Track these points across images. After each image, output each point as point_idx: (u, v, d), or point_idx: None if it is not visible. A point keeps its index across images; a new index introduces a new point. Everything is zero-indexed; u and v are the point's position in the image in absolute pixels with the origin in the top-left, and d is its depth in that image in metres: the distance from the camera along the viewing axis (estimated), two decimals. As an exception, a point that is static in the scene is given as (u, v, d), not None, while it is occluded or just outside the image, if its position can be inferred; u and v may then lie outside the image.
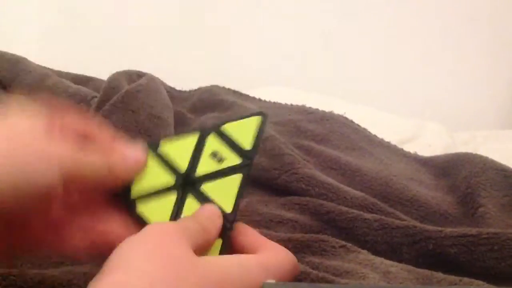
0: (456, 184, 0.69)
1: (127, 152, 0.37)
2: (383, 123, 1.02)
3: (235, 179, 0.39)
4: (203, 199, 0.38)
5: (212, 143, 0.39)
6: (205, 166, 0.39)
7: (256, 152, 0.40)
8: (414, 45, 1.39)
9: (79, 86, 0.89)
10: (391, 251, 0.55)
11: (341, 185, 0.65)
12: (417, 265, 0.51)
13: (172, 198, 0.38)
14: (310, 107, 0.90)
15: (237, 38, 1.47)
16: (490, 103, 1.38)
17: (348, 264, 0.50)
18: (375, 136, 0.86)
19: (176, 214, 0.38)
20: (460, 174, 0.70)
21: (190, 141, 0.39)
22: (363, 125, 0.89)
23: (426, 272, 0.48)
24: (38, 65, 0.97)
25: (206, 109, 0.89)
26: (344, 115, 0.89)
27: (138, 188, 0.38)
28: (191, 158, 0.39)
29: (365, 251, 0.53)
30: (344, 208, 0.59)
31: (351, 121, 0.88)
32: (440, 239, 0.53)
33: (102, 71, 0.98)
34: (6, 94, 0.89)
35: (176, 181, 0.38)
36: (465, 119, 1.33)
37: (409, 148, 0.87)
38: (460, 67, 1.38)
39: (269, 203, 0.63)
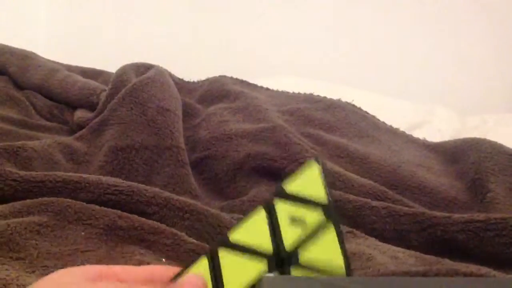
0: (464, 170, 0.69)
1: (182, 286, 0.31)
2: (392, 109, 1.02)
3: (330, 233, 0.34)
4: (310, 269, 0.33)
5: (284, 210, 0.35)
6: (291, 236, 0.34)
7: (333, 199, 0.35)
8: (423, 30, 1.38)
9: (88, 80, 0.90)
10: (399, 238, 0.55)
11: (349, 173, 0.65)
12: (425, 251, 0.51)
13: (261, 266, 0.33)
14: (317, 95, 0.90)
15: (244, 28, 1.46)
16: (500, 86, 1.36)
17: (356, 246, 0.50)
18: (383, 123, 0.86)
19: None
20: (469, 160, 0.69)
21: (259, 218, 0.35)
22: (371, 111, 0.88)
23: (433, 258, 0.49)
24: (47, 59, 0.98)
25: (214, 99, 0.89)
26: (352, 103, 0.89)
27: None
28: (271, 236, 0.34)
29: (372, 238, 0.53)
30: (352, 196, 0.59)
31: (359, 108, 0.88)
32: (448, 225, 0.53)
33: (110, 64, 0.99)
34: (17, 90, 0.90)
35: (269, 265, 0.33)
36: (476, 102, 1.32)
37: (419, 133, 0.87)
38: (470, 51, 1.36)
39: (278, 192, 0.63)
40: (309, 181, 0.36)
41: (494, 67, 1.36)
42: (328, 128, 0.79)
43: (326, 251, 0.33)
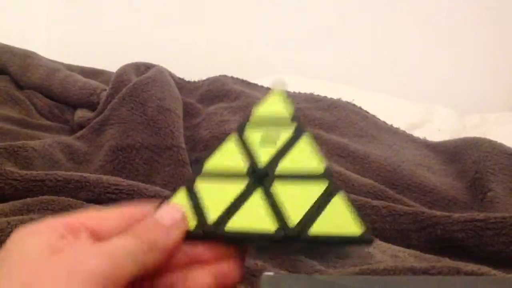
0: (464, 169, 0.69)
1: (161, 219, 0.30)
2: (393, 109, 1.02)
3: (302, 142, 0.33)
4: (287, 178, 0.32)
5: (255, 132, 0.35)
6: (264, 154, 0.33)
7: (298, 115, 0.35)
8: (423, 30, 1.38)
9: (89, 80, 0.90)
10: (399, 238, 0.55)
11: (349, 173, 0.65)
12: (425, 251, 0.51)
13: (256, 199, 0.32)
14: (318, 95, 0.90)
15: (245, 27, 1.46)
16: (500, 85, 1.36)
17: (356, 246, 0.50)
18: (383, 122, 0.86)
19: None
20: (469, 159, 0.70)
21: (231, 144, 0.35)
22: (372, 111, 0.89)
23: (433, 257, 0.49)
24: (48, 59, 0.98)
25: (215, 99, 0.89)
26: (353, 102, 0.89)
27: (214, 213, 0.31)
28: (245, 157, 0.34)
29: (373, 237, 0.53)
30: (352, 196, 0.59)
31: (359, 108, 0.88)
32: (448, 224, 0.53)
33: (111, 63, 0.99)
34: (17, 89, 0.90)
35: (247, 184, 0.32)
36: (475, 101, 1.32)
37: (419, 133, 0.87)
38: (470, 50, 1.36)
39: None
40: (273, 103, 0.36)
41: (494, 67, 1.37)
42: (328, 127, 0.79)
43: (302, 157, 0.33)
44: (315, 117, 0.81)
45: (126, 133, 0.70)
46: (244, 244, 0.32)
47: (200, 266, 0.30)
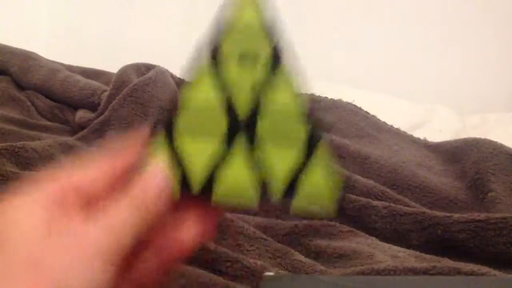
0: (465, 169, 0.69)
1: (150, 184, 0.30)
2: (393, 109, 1.02)
3: (281, 77, 0.31)
4: (253, 163, 0.31)
5: (231, 45, 0.31)
6: (243, 98, 0.31)
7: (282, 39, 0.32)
8: (423, 29, 1.38)
9: (89, 80, 0.90)
10: (400, 238, 0.55)
11: (350, 173, 0.65)
12: (426, 251, 0.51)
13: (239, 161, 0.30)
14: (318, 95, 0.90)
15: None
16: (501, 85, 1.36)
17: (356, 245, 0.50)
18: (384, 123, 0.86)
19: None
20: (469, 160, 0.70)
21: (205, 74, 0.32)
22: (372, 111, 0.89)
23: (434, 258, 0.49)
24: (48, 59, 0.99)
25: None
26: (353, 103, 0.89)
27: (197, 176, 0.31)
28: (222, 101, 0.31)
29: (373, 238, 0.53)
30: (353, 196, 0.59)
31: (360, 108, 0.88)
32: (448, 224, 0.53)
33: (111, 64, 0.99)
34: (18, 90, 0.90)
35: (228, 141, 0.31)
36: (476, 101, 1.32)
37: (420, 133, 0.87)
38: (470, 50, 1.36)
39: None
40: (246, 11, 0.32)
41: (494, 67, 1.36)
42: (329, 128, 0.79)
43: (282, 97, 0.31)
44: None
45: (126, 134, 0.70)
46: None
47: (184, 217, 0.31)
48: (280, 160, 0.31)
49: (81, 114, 0.82)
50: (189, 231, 0.31)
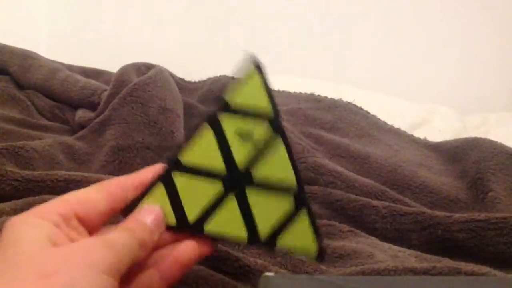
0: (465, 169, 0.69)
1: (143, 218, 0.33)
2: (393, 109, 1.02)
3: (278, 147, 0.34)
4: (263, 186, 0.34)
5: (230, 125, 0.34)
6: (241, 153, 0.34)
7: (278, 109, 0.35)
8: (423, 29, 1.38)
9: (89, 80, 0.90)
10: (400, 238, 0.55)
11: (350, 173, 0.65)
12: (426, 251, 0.51)
13: (232, 204, 0.34)
14: (319, 95, 0.90)
15: (245, 27, 1.46)
16: (501, 84, 1.36)
17: (356, 245, 0.50)
18: (384, 122, 0.86)
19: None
20: (470, 159, 0.70)
21: (207, 136, 0.34)
22: (372, 111, 0.89)
23: (434, 257, 0.49)
24: (48, 59, 0.98)
25: (216, 99, 0.89)
26: (353, 102, 0.89)
27: (193, 211, 0.34)
28: (222, 155, 0.34)
29: (373, 238, 0.53)
30: (353, 196, 0.59)
31: (360, 108, 0.88)
32: (448, 224, 0.53)
33: (111, 64, 0.99)
34: (18, 89, 0.90)
35: (225, 186, 0.34)
36: (476, 101, 1.32)
37: (420, 133, 0.87)
38: (470, 50, 1.36)
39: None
40: (252, 92, 0.35)
41: (495, 67, 1.36)
42: (329, 128, 0.79)
43: (277, 166, 0.34)
44: (316, 117, 0.81)
45: (126, 133, 0.70)
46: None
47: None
48: (269, 209, 0.34)
49: (81, 114, 0.82)
50: (187, 248, 0.34)
